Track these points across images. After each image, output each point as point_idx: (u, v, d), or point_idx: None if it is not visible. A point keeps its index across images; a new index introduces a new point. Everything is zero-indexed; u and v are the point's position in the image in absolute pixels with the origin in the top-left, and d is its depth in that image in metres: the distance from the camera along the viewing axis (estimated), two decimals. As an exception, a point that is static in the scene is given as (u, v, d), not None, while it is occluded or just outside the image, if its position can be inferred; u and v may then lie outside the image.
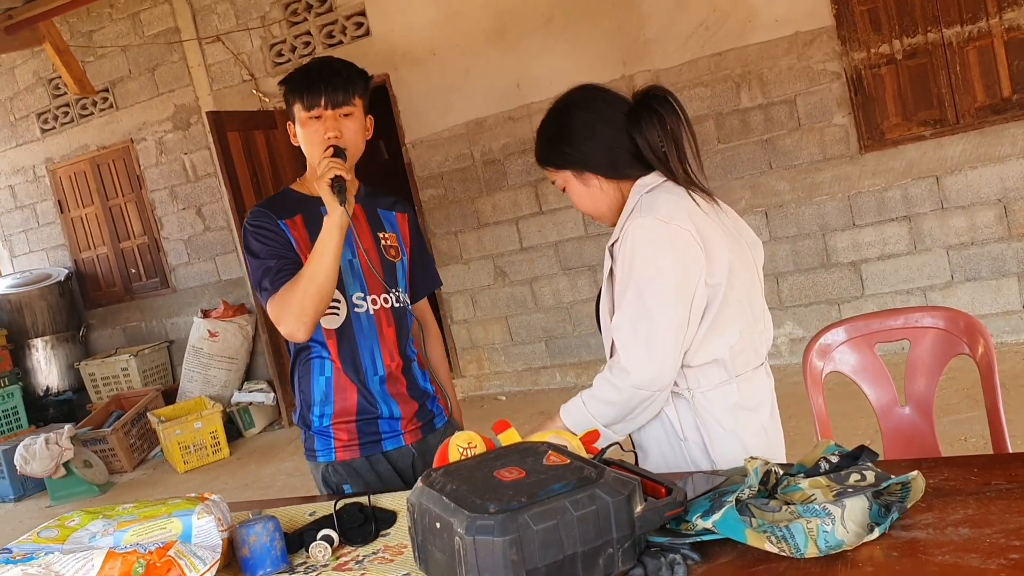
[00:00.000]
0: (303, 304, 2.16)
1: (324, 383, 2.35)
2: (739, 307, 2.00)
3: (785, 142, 5.98)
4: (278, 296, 2.20)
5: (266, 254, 2.26)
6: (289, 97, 2.33)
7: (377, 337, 2.37)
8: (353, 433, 2.36)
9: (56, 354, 8.93)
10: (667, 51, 6.18)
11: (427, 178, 7.22)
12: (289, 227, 2.30)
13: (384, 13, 7.07)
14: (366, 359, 2.35)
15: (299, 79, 2.31)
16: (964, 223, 5.63)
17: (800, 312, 6.16)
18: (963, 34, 5.41)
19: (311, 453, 2.42)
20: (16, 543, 1.68)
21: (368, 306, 2.36)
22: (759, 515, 1.49)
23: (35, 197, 9.30)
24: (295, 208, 2.34)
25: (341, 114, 2.29)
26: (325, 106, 2.27)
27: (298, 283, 2.17)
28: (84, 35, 8.47)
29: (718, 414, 2.00)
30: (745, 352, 2.02)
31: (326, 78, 2.29)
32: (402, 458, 2.41)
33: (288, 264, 2.25)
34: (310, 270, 2.17)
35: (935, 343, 2.37)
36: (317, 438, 2.39)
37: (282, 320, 2.19)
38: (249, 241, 2.29)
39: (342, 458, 2.36)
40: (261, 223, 2.30)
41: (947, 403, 4.42)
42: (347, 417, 2.35)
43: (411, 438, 2.42)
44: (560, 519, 1.36)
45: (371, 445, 2.37)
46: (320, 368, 2.35)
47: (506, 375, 7.30)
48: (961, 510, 1.45)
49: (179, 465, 7.03)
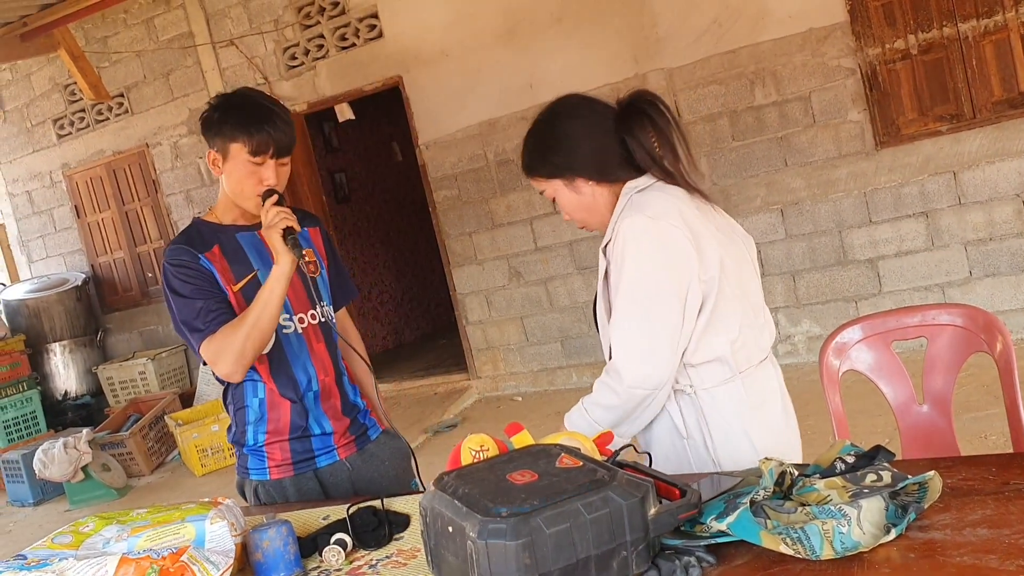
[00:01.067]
0: (244, 348, 2.20)
1: (257, 404, 2.37)
2: (736, 301, 2.00)
3: (800, 139, 5.95)
4: (216, 339, 2.22)
5: (191, 293, 2.27)
6: (225, 131, 2.28)
7: (309, 354, 2.40)
8: (287, 452, 2.38)
9: (74, 358, 8.97)
10: (679, 49, 6.16)
11: (441, 179, 7.22)
12: (210, 259, 2.31)
13: (396, 15, 7.07)
14: (300, 376, 2.38)
15: (243, 119, 2.27)
16: (982, 218, 5.58)
17: (817, 310, 6.12)
18: (979, 28, 5.36)
19: (243, 470, 2.44)
20: (30, 549, 1.68)
21: (296, 325, 2.39)
22: (774, 517, 1.47)
23: (52, 203, 9.36)
24: (211, 239, 2.35)
25: (280, 164, 2.31)
26: (272, 155, 2.28)
27: (239, 328, 2.20)
28: (99, 41, 8.51)
29: (726, 414, 1.99)
30: (747, 347, 2.01)
31: (277, 127, 2.28)
32: (336, 473, 2.43)
33: (216, 303, 2.27)
34: (254, 315, 2.20)
35: (953, 340, 2.35)
36: (251, 456, 2.41)
37: (219, 362, 2.23)
38: (171, 280, 2.30)
39: (275, 476, 2.39)
40: (182, 261, 2.30)
41: (967, 400, 4.38)
42: (280, 436, 2.38)
43: (345, 452, 2.45)
44: (573, 522, 1.35)
45: (304, 463, 2.40)
46: (253, 390, 2.37)
47: (522, 376, 7.28)
48: (979, 510, 1.43)
49: (197, 468, 7.05)
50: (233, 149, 2.28)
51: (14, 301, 8.90)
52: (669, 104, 6.20)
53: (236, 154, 2.28)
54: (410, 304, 9.92)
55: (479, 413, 6.97)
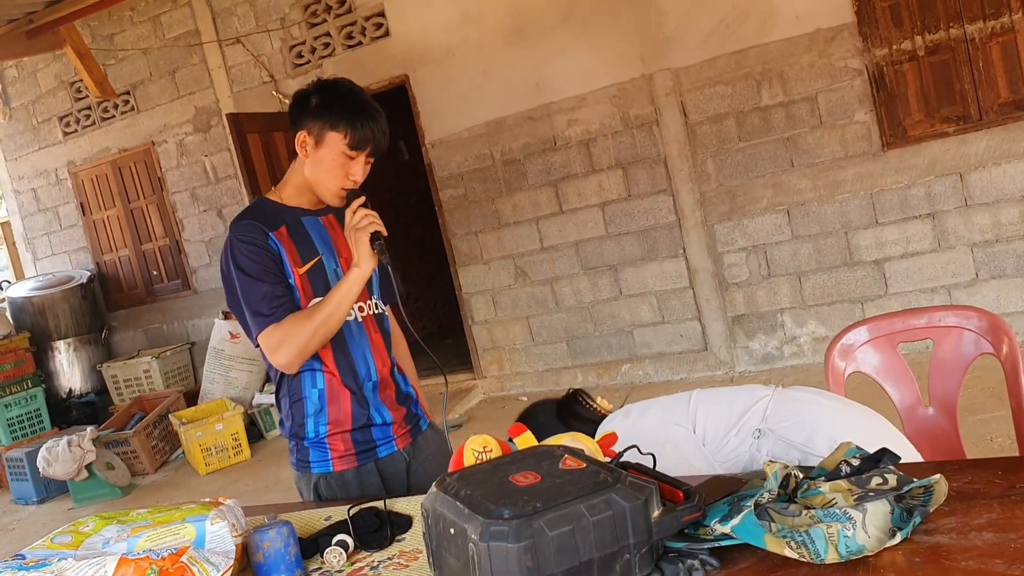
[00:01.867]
0: (309, 343, 2.22)
1: (317, 395, 2.34)
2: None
3: (807, 140, 5.93)
4: (281, 328, 2.21)
5: (259, 274, 2.24)
6: (329, 116, 2.25)
7: (368, 343, 2.39)
8: (349, 443, 2.36)
9: (79, 356, 8.98)
10: (687, 49, 6.14)
11: (447, 178, 7.21)
12: (278, 239, 2.29)
13: (403, 14, 7.07)
14: (360, 366, 2.36)
15: (350, 109, 2.26)
16: (989, 220, 5.56)
17: (823, 311, 6.11)
18: (986, 30, 5.34)
19: (303, 465, 2.39)
20: (29, 549, 1.68)
21: (356, 314, 2.37)
22: (779, 520, 1.46)
23: (57, 200, 9.37)
24: (278, 219, 2.33)
25: (368, 162, 2.31)
26: (369, 154, 2.29)
27: (308, 322, 2.20)
28: (105, 38, 8.52)
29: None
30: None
31: (380, 126, 2.27)
32: (393, 464, 2.42)
33: (283, 289, 2.25)
34: (325, 312, 2.20)
35: (959, 343, 2.34)
36: (312, 449, 2.37)
37: (280, 352, 2.22)
38: (239, 256, 2.25)
39: (339, 468, 2.36)
40: (252, 238, 2.26)
41: (973, 402, 4.36)
42: (342, 427, 2.35)
43: (402, 443, 2.44)
44: (576, 524, 1.34)
45: (366, 454, 2.37)
46: (312, 381, 2.34)
47: (527, 375, 7.27)
48: (985, 514, 1.42)
49: (200, 467, 7.05)
50: (331, 137, 2.26)
51: (19, 298, 8.91)
52: (675, 104, 6.23)
53: (333, 143, 2.26)
54: (416, 303, 9.92)
55: (484, 413, 6.96)
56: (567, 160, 6.70)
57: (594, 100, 6.49)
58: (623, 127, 6.44)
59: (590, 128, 6.57)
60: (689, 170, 6.27)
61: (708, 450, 2.08)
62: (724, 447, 2.06)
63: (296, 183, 2.37)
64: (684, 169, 6.28)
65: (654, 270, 6.57)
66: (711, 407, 2.14)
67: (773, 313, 6.26)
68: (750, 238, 6.21)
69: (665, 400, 2.27)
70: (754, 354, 6.35)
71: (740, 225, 6.22)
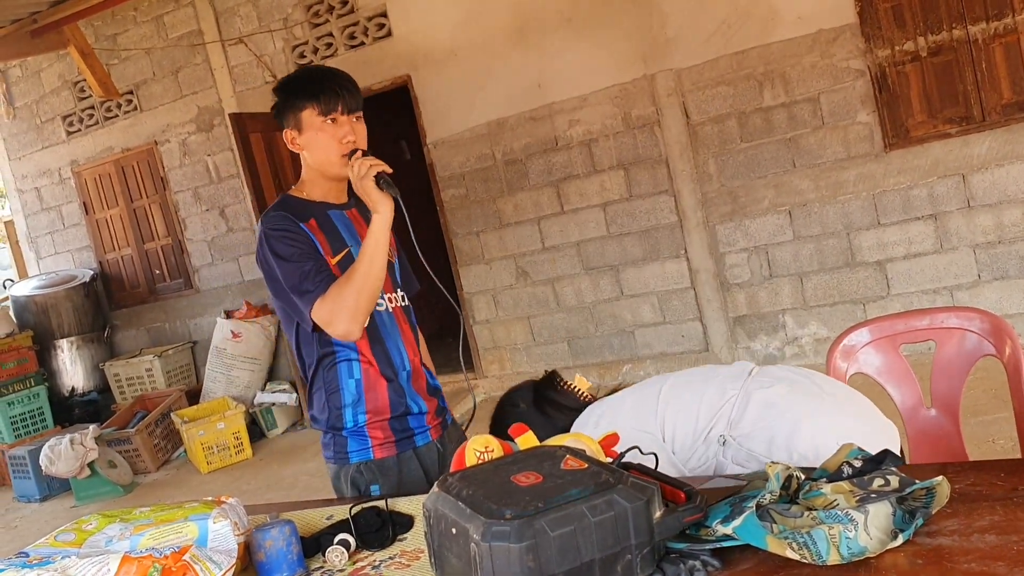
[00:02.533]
0: (358, 303, 2.19)
1: (354, 385, 2.34)
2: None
3: (809, 141, 5.93)
4: (328, 298, 2.19)
5: (297, 256, 2.24)
6: (295, 102, 2.32)
7: (400, 333, 2.40)
8: (388, 431, 2.36)
9: (81, 355, 8.99)
10: (689, 50, 6.14)
11: (449, 178, 7.21)
12: (309, 229, 2.30)
13: (405, 14, 7.07)
14: (395, 355, 2.38)
15: (309, 83, 2.32)
16: (991, 221, 5.56)
17: (825, 312, 6.11)
18: (988, 30, 5.34)
19: (341, 456, 2.37)
20: (33, 547, 1.68)
21: (387, 304, 2.39)
22: (780, 521, 1.46)
23: (61, 199, 9.37)
24: (306, 212, 2.34)
25: (354, 118, 2.32)
26: (342, 111, 2.29)
27: (350, 282, 2.19)
28: (109, 38, 8.52)
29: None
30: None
31: (340, 83, 2.31)
32: (429, 454, 2.43)
33: (323, 265, 2.25)
34: (363, 268, 2.19)
35: (961, 344, 2.34)
36: (351, 439, 2.36)
37: (335, 321, 2.20)
38: (274, 245, 2.26)
39: (380, 456, 2.35)
40: (284, 226, 2.28)
41: (975, 404, 4.36)
42: (381, 416, 2.35)
43: (435, 433, 2.46)
44: (577, 525, 1.34)
45: (405, 442, 2.38)
46: (348, 371, 2.34)
47: (528, 375, 7.22)
48: (988, 516, 1.42)
49: (202, 466, 7.06)
50: (304, 117, 2.31)
51: (22, 297, 8.91)
52: (677, 104, 6.22)
53: (309, 121, 2.30)
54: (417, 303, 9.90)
55: (485, 413, 6.93)
56: (569, 160, 6.70)
57: (596, 100, 6.49)
58: (625, 127, 6.44)
59: (592, 128, 6.57)
60: (691, 171, 6.27)
61: (678, 458, 2.09)
62: (692, 456, 2.08)
63: (310, 178, 2.39)
64: (686, 170, 6.28)
65: (655, 270, 6.57)
66: (679, 413, 2.15)
67: (775, 314, 6.26)
68: (752, 239, 6.21)
69: (636, 395, 2.27)
70: (755, 355, 6.34)
71: (742, 226, 6.22)
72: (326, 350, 2.34)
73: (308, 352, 2.37)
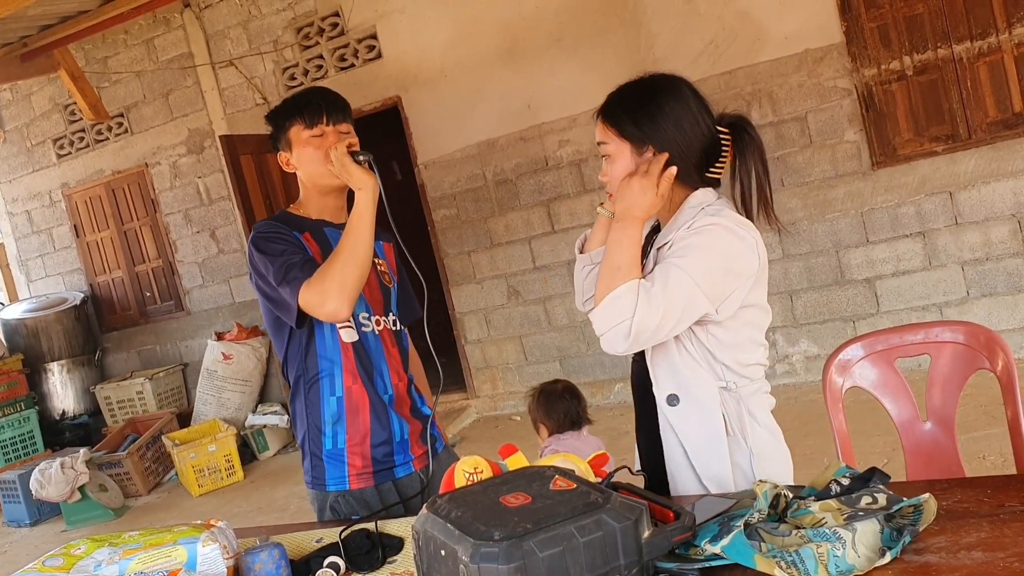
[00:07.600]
0: (344, 278, 2.14)
1: (335, 403, 2.32)
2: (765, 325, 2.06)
3: (797, 159, 5.96)
4: (313, 279, 2.16)
5: (282, 251, 2.24)
6: (283, 123, 2.36)
7: (384, 356, 2.38)
8: (368, 459, 2.33)
9: (72, 378, 8.96)
10: (676, 70, 6.06)
11: (439, 199, 7.23)
12: (303, 239, 2.31)
13: (395, 36, 7.10)
14: (377, 379, 2.35)
15: (294, 103, 2.36)
16: (979, 238, 5.59)
17: (815, 329, 6.12)
18: (973, 50, 5.39)
19: (319, 483, 2.36)
20: (21, 572, 1.68)
21: (373, 326, 2.38)
22: (768, 539, 1.47)
23: (51, 222, 9.36)
24: (302, 226, 2.35)
25: (340, 131, 2.34)
26: (327, 122, 2.32)
27: (334, 260, 2.17)
28: (99, 61, 8.54)
29: (762, 417, 2.02)
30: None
31: (322, 95, 2.36)
32: (411, 485, 2.39)
33: (312, 260, 2.25)
34: (349, 243, 2.18)
35: (955, 358, 2.35)
36: (329, 466, 2.34)
37: (324, 301, 2.14)
38: (262, 245, 2.26)
39: (356, 486, 2.32)
40: (275, 229, 2.30)
41: (965, 420, 4.34)
42: (362, 441, 2.32)
43: (419, 464, 2.41)
44: (566, 545, 1.34)
45: (384, 472, 2.35)
46: (330, 388, 2.33)
47: (520, 395, 7.26)
48: (975, 533, 1.43)
49: (193, 488, 7.03)
50: (292, 135, 2.35)
51: (12, 320, 8.89)
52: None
53: (298, 137, 2.34)
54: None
55: (478, 433, 6.95)
56: (559, 180, 6.72)
57: (585, 121, 6.51)
58: (615, 147, 6.45)
59: (581, 148, 6.60)
60: (681, 190, 6.28)
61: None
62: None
63: (307, 196, 2.41)
64: (676, 189, 6.29)
65: (647, 289, 6.57)
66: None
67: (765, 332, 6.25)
68: (742, 257, 6.21)
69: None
70: (747, 373, 6.34)
71: (732, 244, 6.23)
72: (310, 363, 2.33)
73: (293, 367, 2.36)
